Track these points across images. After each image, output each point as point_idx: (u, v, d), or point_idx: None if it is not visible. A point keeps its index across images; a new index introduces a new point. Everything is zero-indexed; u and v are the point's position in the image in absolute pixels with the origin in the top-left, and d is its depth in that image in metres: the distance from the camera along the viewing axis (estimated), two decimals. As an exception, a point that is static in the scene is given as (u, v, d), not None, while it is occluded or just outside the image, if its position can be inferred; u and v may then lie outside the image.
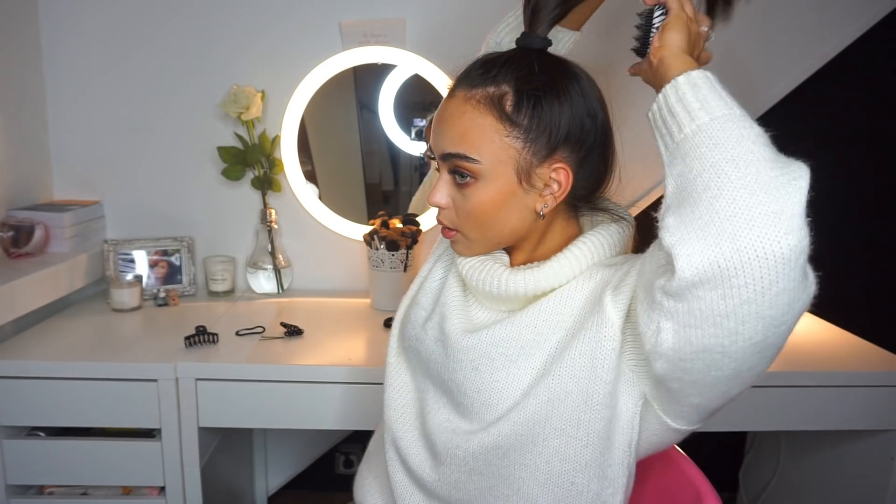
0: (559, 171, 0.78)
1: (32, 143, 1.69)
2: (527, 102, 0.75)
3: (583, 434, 0.75)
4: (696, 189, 0.61)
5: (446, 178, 0.81)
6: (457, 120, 0.78)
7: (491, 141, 0.76)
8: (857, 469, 1.47)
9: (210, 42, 1.71)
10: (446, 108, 0.80)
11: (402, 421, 0.91)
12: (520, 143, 0.76)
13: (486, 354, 0.80)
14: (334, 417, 1.31)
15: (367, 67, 1.73)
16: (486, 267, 0.83)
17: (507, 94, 0.76)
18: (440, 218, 0.83)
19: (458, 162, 0.78)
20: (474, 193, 0.78)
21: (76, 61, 1.72)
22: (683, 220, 0.61)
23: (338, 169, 1.88)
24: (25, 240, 1.53)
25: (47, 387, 1.28)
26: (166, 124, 1.75)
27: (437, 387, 0.87)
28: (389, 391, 0.93)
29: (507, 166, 0.77)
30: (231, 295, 1.78)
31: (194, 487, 1.32)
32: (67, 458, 1.31)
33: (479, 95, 0.77)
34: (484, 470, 0.80)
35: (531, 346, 0.79)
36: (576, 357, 0.75)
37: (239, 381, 1.30)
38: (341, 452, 1.98)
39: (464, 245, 0.84)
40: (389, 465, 0.91)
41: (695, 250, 0.60)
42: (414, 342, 0.90)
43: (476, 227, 0.81)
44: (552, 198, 0.79)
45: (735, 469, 1.91)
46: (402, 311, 0.97)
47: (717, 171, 0.60)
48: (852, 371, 1.35)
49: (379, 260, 1.63)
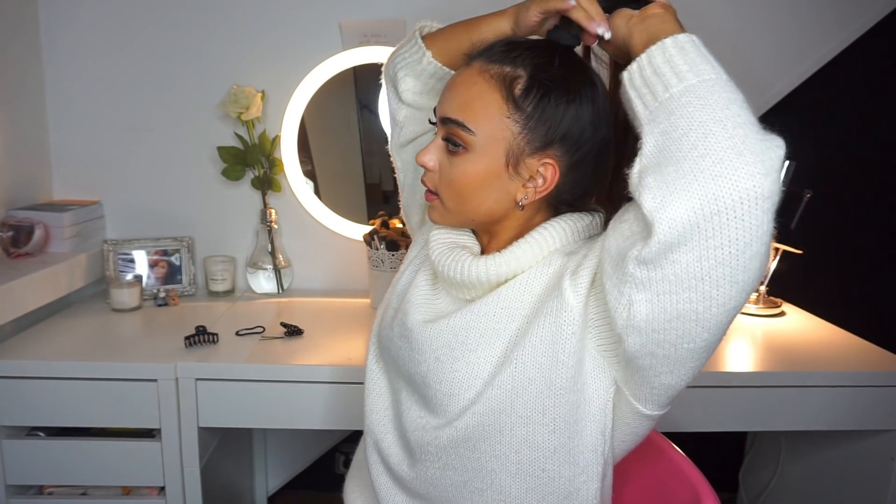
0: (547, 166, 0.78)
1: (32, 143, 1.69)
2: (536, 91, 0.75)
3: (549, 420, 0.75)
4: (681, 148, 0.61)
5: (439, 142, 0.81)
6: (466, 88, 0.78)
7: (491, 117, 0.76)
8: (857, 469, 1.47)
9: (210, 42, 1.71)
10: (460, 75, 0.80)
11: (382, 423, 0.91)
12: (518, 127, 0.76)
13: (446, 344, 0.80)
14: (334, 417, 1.31)
15: (367, 67, 1.73)
16: (454, 254, 0.84)
17: (521, 77, 0.76)
18: (424, 179, 0.83)
19: (454, 129, 0.78)
20: (462, 163, 0.78)
21: (76, 61, 1.72)
22: (666, 180, 0.61)
23: (338, 169, 1.88)
24: (25, 240, 1.53)
25: (47, 387, 1.28)
26: (166, 124, 1.75)
27: (407, 384, 0.88)
28: (370, 397, 0.94)
29: (499, 146, 0.77)
30: (231, 295, 1.78)
31: (194, 487, 1.32)
32: (67, 458, 1.31)
33: (494, 71, 0.77)
34: (457, 464, 0.81)
35: (490, 334, 0.79)
36: (536, 343, 0.75)
37: (239, 381, 1.30)
38: (341, 452, 1.98)
39: (440, 212, 0.84)
40: (372, 469, 0.92)
41: (678, 210, 0.60)
42: (385, 342, 0.91)
43: (454, 198, 0.81)
44: (534, 190, 0.79)
45: (735, 469, 1.91)
46: (378, 315, 0.97)
47: (706, 130, 0.60)
48: (852, 371, 1.35)
49: (379, 260, 1.63)
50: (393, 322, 0.89)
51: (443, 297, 0.87)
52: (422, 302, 0.87)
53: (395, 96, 0.98)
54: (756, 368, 1.36)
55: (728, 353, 1.48)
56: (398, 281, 0.95)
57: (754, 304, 1.70)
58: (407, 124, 0.98)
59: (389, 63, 0.98)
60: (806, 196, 1.67)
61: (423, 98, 0.96)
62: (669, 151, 0.61)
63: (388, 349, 0.90)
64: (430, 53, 0.92)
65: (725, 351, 1.48)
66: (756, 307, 1.69)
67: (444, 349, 0.81)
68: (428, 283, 0.89)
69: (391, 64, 0.97)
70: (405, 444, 0.87)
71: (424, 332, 0.83)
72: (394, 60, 0.97)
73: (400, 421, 0.88)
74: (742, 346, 1.50)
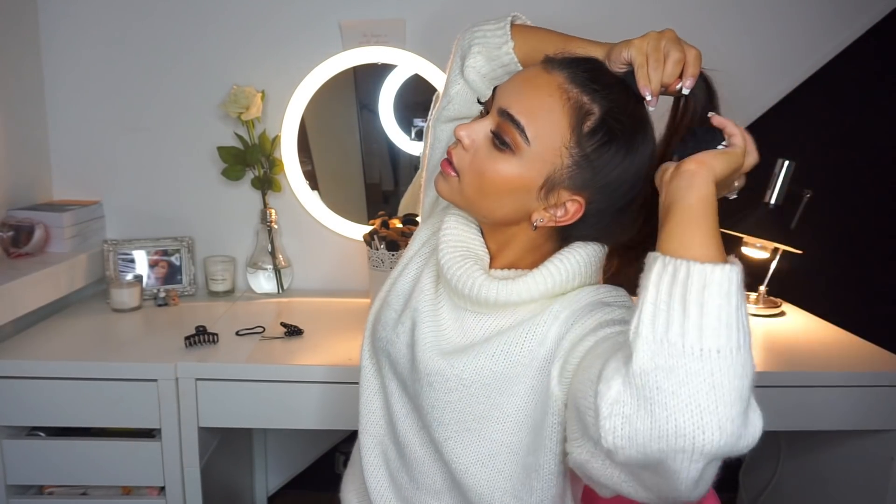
0: (574, 203, 0.76)
1: (32, 143, 1.69)
2: (603, 135, 0.74)
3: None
4: (664, 392, 0.58)
5: (486, 127, 0.77)
6: (538, 96, 0.74)
7: (552, 138, 0.74)
8: (857, 469, 1.47)
9: (210, 42, 1.71)
10: (538, 77, 0.76)
11: (377, 423, 0.92)
12: (570, 161, 0.74)
13: (444, 385, 0.81)
14: (334, 417, 1.31)
15: (367, 67, 1.73)
16: (466, 265, 0.82)
17: (594, 115, 0.74)
18: (453, 152, 0.79)
19: (510, 127, 0.74)
20: (501, 162, 0.76)
21: (75, 61, 1.72)
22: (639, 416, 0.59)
23: (338, 169, 1.88)
24: (25, 240, 1.53)
25: (47, 387, 1.28)
26: (166, 124, 1.75)
27: (400, 386, 0.88)
28: (363, 395, 0.94)
29: (544, 167, 0.75)
30: (231, 295, 1.78)
31: (194, 487, 1.32)
32: (67, 458, 1.31)
33: (573, 95, 0.74)
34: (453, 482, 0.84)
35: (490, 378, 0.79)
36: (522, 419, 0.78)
37: (239, 381, 1.30)
38: (341, 452, 1.98)
39: (451, 190, 0.80)
40: (366, 469, 0.92)
41: (634, 454, 0.60)
42: (385, 343, 0.90)
43: (476, 189, 0.78)
44: (551, 218, 0.77)
45: (735, 469, 1.91)
46: (374, 312, 0.96)
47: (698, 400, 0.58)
48: (852, 371, 1.35)
49: (379, 260, 1.63)
50: (397, 326, 0.89)
51: (444, 301, 0.86)
52: (429, 311, 0.86)
53: (459, 68, 0.95)
54: (756, 368, 1.35)
55: (728, 353, 1.48)
56: (399, 278, 0.94)
57: (754, 304, 1.70)
58: (456, 100, 0.95)
59: (467, 34, 0.94)
60: (806, 196, 1.67)
61: (483, 82, 0.92)
62: (655, 391, 0.59)
63: (388, 352, 0.89)
64: (512, 44, 0.90)
65: (725, 351, 1.48)
66: (756, 307, 1.69)
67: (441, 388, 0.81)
68: (432, 286, 0.88)
69: (469, 35, 0.93)
70: (399, 449, 0.89)
71: (432, 365, 0.82)
72: (473, 33, 0.93)
73: (391, 420, 0.89)
74: (742, 346, 1.50)
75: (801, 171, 1.62)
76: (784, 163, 1.62)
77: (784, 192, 1.62)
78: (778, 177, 1.62)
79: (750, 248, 1.69)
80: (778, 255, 1.69)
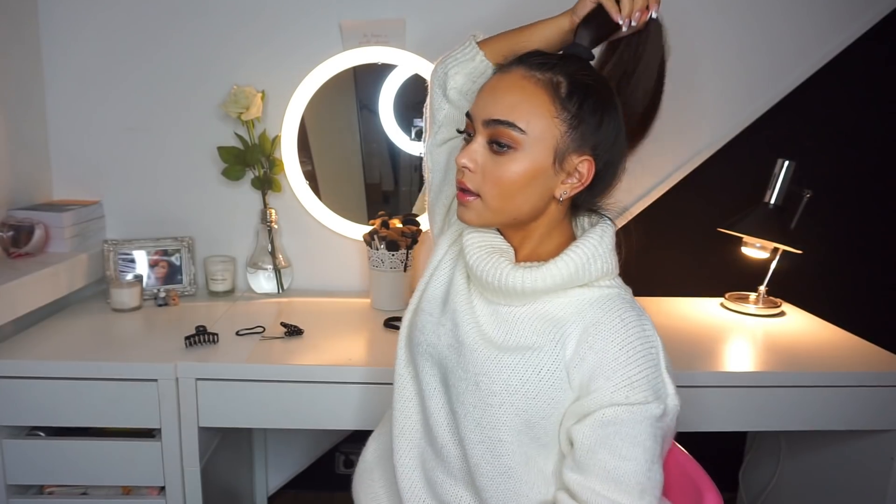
0: (585, 163, 0.83)
1: (32, 143, 1.69)
2: (578, 93, 0.81)
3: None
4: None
5: (482, 142, 0.83)
6: (512, 91, 0.82)
7: (541, 116, 0.80)
8: (857, 469, 1.47)
9: (210, 42, 1.71)
10: (501, 80, 0.83)
11: (414, 428, 0.94)
12: (565, 126, 0.81)
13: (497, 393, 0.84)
14: (334, 417, 1.31)
15: (367, 67, 1.73)
16: (492, 259, 0.87)
17: (562, 82, 0.81)
18: (464, 180, 0.85)
19: (502, 129, 0.81)
20: (510, 162, 0.81)
21: (76, 61, 1.72)
22: None
23: (338, 169, 1.88)
24: (25, 240, 1.53)
25: (47, 387, 1.28)
26: (166, 124, 1.75)
27: (444, 392, 0.90)
28: (399, 401, 0.96)
29: (547, 144, 0.81)
30: (231, 295, 1.78)
31: (194, 487, 1.32)
32: (67, 458, 1.31)
33: (538, 76, 0.81)
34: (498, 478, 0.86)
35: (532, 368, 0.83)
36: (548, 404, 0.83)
37: (239, 381, 1.30)
38: (341, 452, 1.98)
39: (477, 212, 0.85)
40: (399, 473, 0.93)
41: None
42: (427, 347, 0.92)
43: (500, 196, 0.83)
44: (571, 186, 0.84)
45: (735, 469, 1.92)
46: (407, 320, 0.99)
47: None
48: (852, 371, 1.35)
49: (379, 260, 1.63)
50: (438, 328, 0.91)
51: (476, 298, 0.90)
52: (466, 309, 0.90)
53: (441, 94, 1.02)
54: (756, 368, 1.36)
55: (728, 353, 1.48)
56: (429, 283, 0.97)
57: (754, 304, 1.71)
58: (446, 124, 1.02)
59: (440, 65, 1.02)
60: (806, 196, 1.67)
61: (466, 98, 1.00)
62: None
63: (431, 355, 0.92)
64: (483, 53, 0.98)
65: (725, 351, 1.48)
66: (756, 307, 1.69)
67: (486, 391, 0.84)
68: (465, 285, 0.92)
69: (442, 65, 1.02)
70: (436, 451, 0.91)
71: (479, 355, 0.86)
72: (445, 62, 1.02)
73: (428, 423, 0.92)
74: (742, 346, 1.51)
75: (801, 171, 1.62)
76: (784, 163, 1.62)
77: (784, 192, 1.62)
78: (778, 177, 1.62)
79: (750, 248, 1.69)
80: (778, 255, 1.69)
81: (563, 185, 0.84)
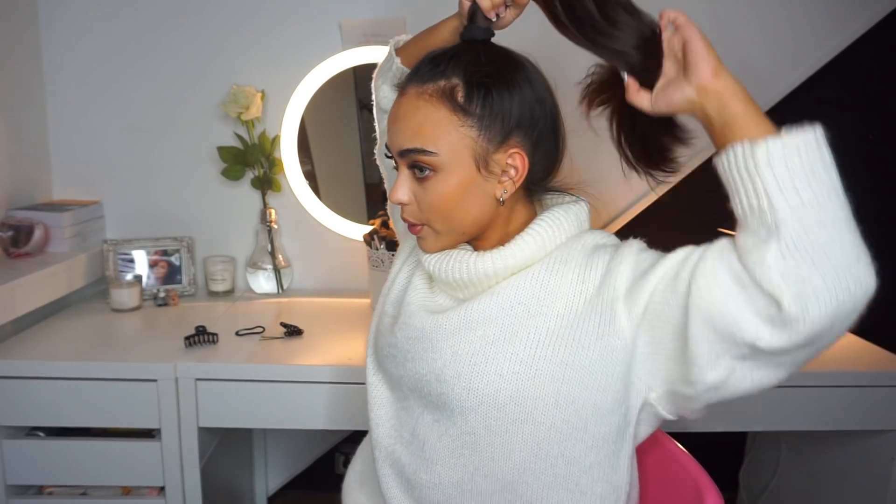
0: (515, 156, 0.79)
1: (32, 143, 1.69)
2: (477, 92, 0.77)
3: (589, 437, 0.77)
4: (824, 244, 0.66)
5: (406, 174, 0.82)
6: (411, 116, 0.79)
7: (447, 132, 0.77)
8: (857, 469, 1.47)
9: (210, 42, 1.71)
10: (399, 107, 0.81)
11: (389, 435, 0.90)
12: (474, 131, 0.78)
13: (463, 338, 0.80)
14: (334, 418, 1.31)
15: (367, 67, 1.73)
16: (452, 256, 0.84)
17: (458, 85, 0.77)
18: (405, 216, 0.84)
19: (416, 157, 0.79)
20: (435, 185, 0.79)
21: (76, 61, 1.72)
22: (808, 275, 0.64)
23: (338, 169, 1.88)
24: (25, 240, 1.53)
25: (47, 387, 1.28)
26: (166, 124, 1.75)
27: (414, 390, 0.86)
28: (373, 409, 0.92)
29: (464, 155, 0.78)
30: (231, 295, 1.78)
31: (194, 487, 1.32)
32: (67, 458, 1.31)
33: (431, 90, 0.78)
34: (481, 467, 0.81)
35: (511, 328, 0.79)
36: (584, 363, 0.75)
37: (239, 381, 1.30)
38: (341, 452, 1.98)
39: (431, 239, 0.84)
40: (383, 483, 0.90)
41: (822, 312, 0.63)
42: (388, 349, 0.89)
43: (441, 218, 0.81)
44: (511, 183, 0.80)
45: (735, 469, 1.91)
46: (373, 328, 0.97)
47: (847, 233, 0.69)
48: (852, 371, 1.35)
49: (379, 260, 1.63)
50: (394, 328, 0.89)
51: (441, 297, 0.87)
52: (423, 302, 0.87)
53: (378, 106, 1.03)
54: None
55: (728, 353, 1.47)
56: (390, 289, 0.96)
57: (754, 304, 1.70)
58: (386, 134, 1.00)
59: (372, 82, 1.03)
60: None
61: None
62: (816, 246, 0.65)
63: (394, 356, 0.88)
64: (398, 59, 0.96)
65: (725, 351, 1.48)
66: (756, 307, 1.69)
67: (462, 343, 0.80)
68: (425, 286, 0.89)
69: (373, 81, 1.03)
70: (419, 453, 0.86)
71: (438, 328, 0.82)
72: (375, 76, 1.02)
73: (412, 428, 0.87)
74: (742, 346, 1.50)
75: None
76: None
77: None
78: (778, 177, 1.62)
79: (750, 248, 1.69)
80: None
81: (500, 185, 0.80)
